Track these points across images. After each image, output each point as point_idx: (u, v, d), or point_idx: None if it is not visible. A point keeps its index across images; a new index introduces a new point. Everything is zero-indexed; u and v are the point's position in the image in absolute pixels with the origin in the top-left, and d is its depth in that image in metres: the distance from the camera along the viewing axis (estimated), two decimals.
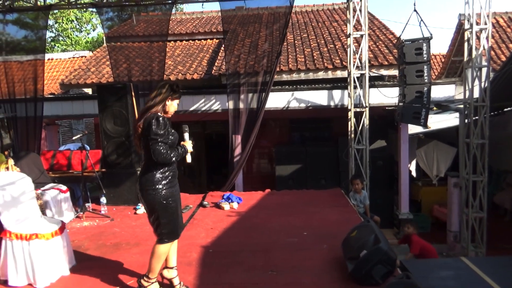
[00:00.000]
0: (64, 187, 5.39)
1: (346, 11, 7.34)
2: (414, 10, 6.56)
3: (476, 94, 6.67)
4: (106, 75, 9.13)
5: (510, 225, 8.41)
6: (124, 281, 3.30)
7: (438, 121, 8.35)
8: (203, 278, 3.38)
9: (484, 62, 6.66)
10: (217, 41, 10.97)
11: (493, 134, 7.16)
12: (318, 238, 4.23)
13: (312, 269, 3.46)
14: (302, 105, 7.86)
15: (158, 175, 2.87)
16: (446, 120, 8.39)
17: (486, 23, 6.51)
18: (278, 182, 8.58)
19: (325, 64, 8.29)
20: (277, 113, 8.07)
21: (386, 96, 7.39)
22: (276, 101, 7.76)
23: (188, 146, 3.03)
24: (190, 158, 3.09)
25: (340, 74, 8.13)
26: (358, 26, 7.61)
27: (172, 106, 2.98)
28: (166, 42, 8.29)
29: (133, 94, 6.07)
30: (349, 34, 7.12)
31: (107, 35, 8.41)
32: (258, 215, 5.25)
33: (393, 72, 8.02)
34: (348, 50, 7.22)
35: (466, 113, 6.93)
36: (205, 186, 9.64)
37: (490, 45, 6.94)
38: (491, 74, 6.94)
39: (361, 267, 3.08)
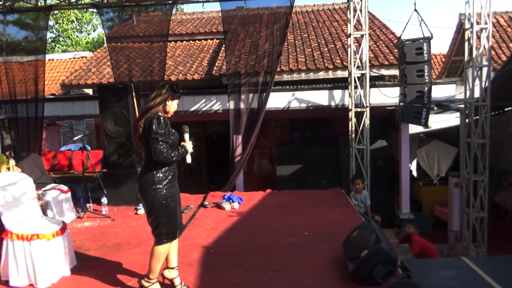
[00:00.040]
0: (65, 188, 5.40)
1: (346, 11, 7.34)
2: (415, 10, 6.56)
3: (476, 94, 6.67)
4: (107, 76, 9.13)
5: (511, 224, 8.41)
6: (125, 281, 3.30)
7: (438, 121, 8.36)
8: (204, 278, 3.38)
9: (484, 62, 6.66)
10: (217, 41, 10.96)
11: (494, 133, 7.16)
12: (319, 238, 4.23)
13: (313, 269, 3.46)
14: (303, 105, 7.86)
15: (158, 175, 2.87)
16: (447, 120, 8.40)
17: (486, 23, 6.51)
18: (279, 182, 8.58)
19: (325, 64, 8.28)
20: (277, 113, 8.07)
21: (387, 96, 7.40)
22: (276, 101, 7.76)
23: (188, 146, 3.04)
24: (190, 159, 3.10)
25: (340, 74, 8.12)
26: (358, 26, 7.61)
27: (172, 106, 3.00)
28: (167, 43, 8.30)
29: (133, 94, 6.08)
30: (349, 34, 7.13)
31: (108, 36, 8.43)
32: (259, 215, 5.25)
33: (393, 72, 8.02)
34: (348, 50, 7.22)
35: (467, 112, 6.93)
36: (205, 186, 9.63)
37: (490, 44, 6.94)
38: (492, 74, 6.94)
39: (362, 267, 3.08)
